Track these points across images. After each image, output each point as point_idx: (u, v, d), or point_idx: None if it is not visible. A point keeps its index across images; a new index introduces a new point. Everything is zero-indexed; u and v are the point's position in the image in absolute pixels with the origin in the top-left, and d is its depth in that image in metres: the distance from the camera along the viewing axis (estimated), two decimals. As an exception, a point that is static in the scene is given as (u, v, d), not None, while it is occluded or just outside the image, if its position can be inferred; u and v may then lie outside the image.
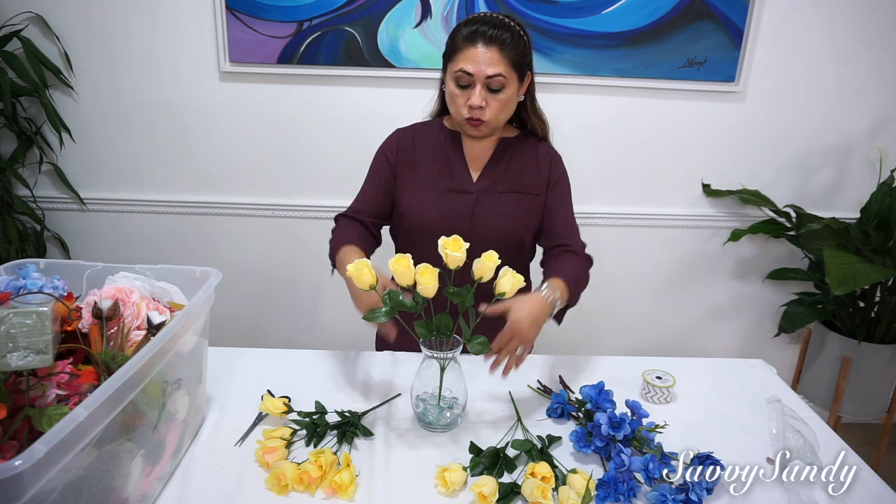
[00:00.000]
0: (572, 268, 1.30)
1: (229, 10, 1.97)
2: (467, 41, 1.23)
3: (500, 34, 1.22)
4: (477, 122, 1.27)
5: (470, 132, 1.31)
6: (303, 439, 1.09)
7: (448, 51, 1.27)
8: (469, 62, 1.22)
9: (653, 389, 1.26)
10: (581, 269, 1.33)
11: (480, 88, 1.23)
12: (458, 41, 1.24)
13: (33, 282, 1.02)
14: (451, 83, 1.27)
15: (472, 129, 1.29)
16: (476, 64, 1.22)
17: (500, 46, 1.22)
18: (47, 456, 0.64)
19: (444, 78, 1.30)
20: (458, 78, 1.24)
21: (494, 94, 1.25)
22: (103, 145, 2.15)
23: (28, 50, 1.95)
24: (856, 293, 2.12)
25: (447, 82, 1.28)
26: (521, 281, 1.08)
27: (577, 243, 1.38)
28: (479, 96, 1.23)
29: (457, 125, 1.35)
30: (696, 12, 2.00)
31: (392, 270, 1.06)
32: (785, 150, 2.20)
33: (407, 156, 1.39)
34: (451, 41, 1.27)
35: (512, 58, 1.23)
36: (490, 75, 1.22)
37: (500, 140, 1.38)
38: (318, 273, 2.29)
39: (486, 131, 1.31)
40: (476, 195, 1.35)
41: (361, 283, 1.05)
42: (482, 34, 1.22)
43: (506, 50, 1.22)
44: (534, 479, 0.95)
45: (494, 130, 1.33)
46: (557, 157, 1.42)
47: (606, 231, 2.26)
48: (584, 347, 2.40)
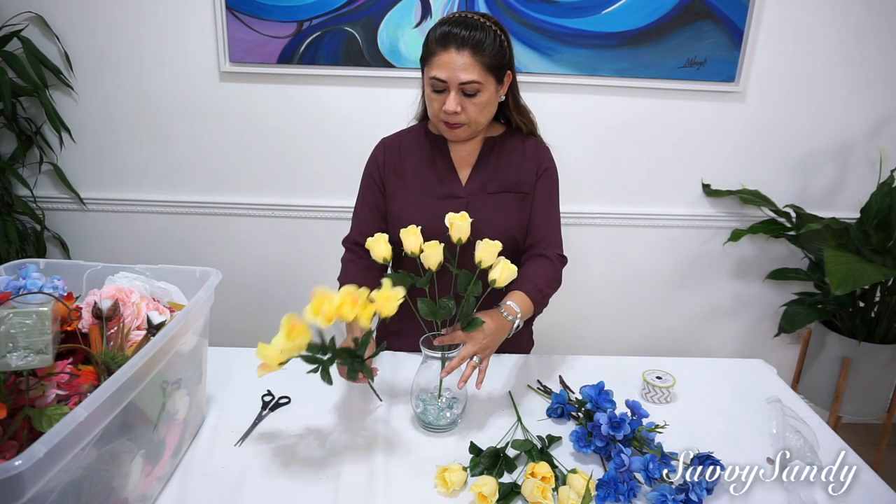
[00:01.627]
0: (541, 276, 1.28)
1: (229, 10, 1.97)
2: (439, 45, 1.19)
3: (472, 36, 1.17)
4: (455, 126, 1.25)
5: (449, 136, 1.29)
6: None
7: (423, 54, 1.23)
8: (442, 68, 1.18)
9: (653, 389, 1.26)
10: (549, 275, 1.30)
11: (455, 94, 1.20)
12: (431, 44, 1.20)
13: (33, 282, 1.02)
14: (427, 88, 1.24)
15: (451, 132, 1.27)
16: (449, 70, 1.18)
17: (473, 50, 1.17)
18: (47, 456, 0.64)
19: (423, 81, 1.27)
20: (432, 84, 1.21)
21: (470, 97, 1.21)
22: (103, 145, 2.15)
23: (28, 50, 1.95)
24: (856, 293, 2.12)
25: (426, 86, 1.25)
26: (514, 272, 1.12)
27: (553, 241, 1.35)
28: (453, 101, 1.20)
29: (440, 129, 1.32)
30: (696, 12, 1.99)
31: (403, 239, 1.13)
32: (785, 150, 2.20)
33: (393, 166, 1.36)
34: (425, 44, 1.23)
35: (487, 61, 1.19)
36: (464, 81, 1.18)
37: (486, 140, 1.36)
38: (318, 273, 2.30)
39: (466, 135, 1.28)
40: (466, 199, 1.33)
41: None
42: (454, 37, 1.17)
43: (479, 53, 1.18)
44: (534, 479, 0.95)
45: (475, 133, 1.31)
46: (545, 149, 1.38)
47: (606, 231, 2.26)
48: (584, 347, 2.40)
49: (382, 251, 1.14)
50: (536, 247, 1.34)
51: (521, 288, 1.24)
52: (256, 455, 1.06)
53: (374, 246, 1.15)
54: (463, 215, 1.13)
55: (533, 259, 1.33)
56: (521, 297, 1.22)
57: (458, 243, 1.13)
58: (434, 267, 1.12)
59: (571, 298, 2.16)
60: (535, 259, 1.33)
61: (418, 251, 1.12)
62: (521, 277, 1.27)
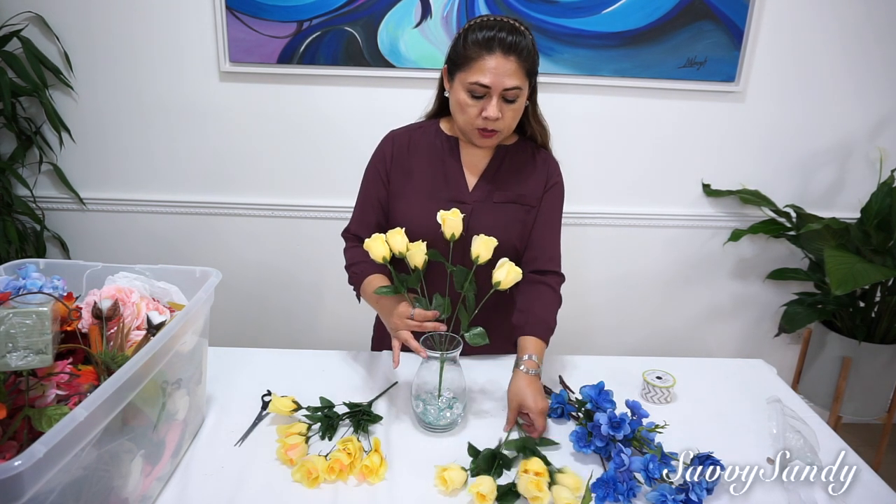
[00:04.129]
0: (548, 312, 1.28)
1: (229, 10, 1.97)
2: (483, 49, 1.15)
3: (517, 42, 1.15)
4: (490, 134, 1.22)
5: (480, 143, 1.26)
6: (316, 434, 1.12)
7: (458, 58, 1.19)
8: (486, 73, 1.15)
9: (653, 389, 1.26)
10: (555, 308, 1.31)
11: (497, 100, 1.17)
12: (470, 49, 1.16)
13: (33, 282, 1.02)
14: (461, 93, 1.19)
15: (484, 139, 1.23)
16: (495, 75, 1.14)
17: (518, 55, 1.15)
18: (47, 456, 0.64)
19: (451, 85, 1.23)
20: (472, 89, 1.17)
21: (509, 104, 1.19)
22: (103, 145, 2.15)
23: (28, 50, 1.95)
24: (856, 293, 2.12)
25: (457, 91, 1.21)
26: (518, 274, 1.11)
27: (552, 256, 1.34)
28: (495, 108, 1.17)
29: (461, 133, 1.28)
30: (696, 12, 1.99)
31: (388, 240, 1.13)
32: (785, 150, 2.20)
33: (401, 161, 1.34)
34: (462, 47, 1.18)
35: (528, 66, 1.17)
36: (508, 87, 1.16)
37: (498, 148, 1.33)
38: (318, 273, 2.30)
39: (497, 142, 1.27)
40: (472, 205, 1.30)
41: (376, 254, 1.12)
42: (500, 42, 1.14)
43: (523, 59, 1.16)
44: (527, 475, 0.96)
45: (501, 140, 1.29)
46: (555, 164, 1.37)
47: (606, 231, 2.26)
48: (584, 347, 2.40)
49: (381, 251, 1.13)
50: (535, 263, 1.32)
51: (535, 333, 1.23)
52: (256, 455, 1.06)
53: (372, 246, 1.13)
54: (455, 212, 1.13)
55: (535, 288, 1.30)
56: (536, 344, 1.21)
57: (452, 239, 1.13)
58: (420, 265, 1.12)
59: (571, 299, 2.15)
60: (537, 288, 1.30)
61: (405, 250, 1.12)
62: (531, 317, 1.25)
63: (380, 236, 1.13)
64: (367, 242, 1.14)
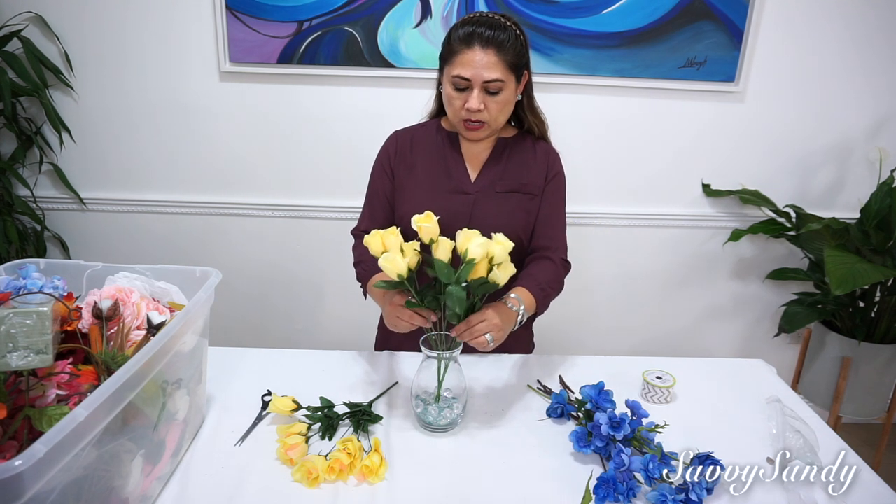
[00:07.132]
0: (544, 276, 1.29)
1: (229, 10, 1.97)
2: (463, 44, 1.21)
3: (496, 35, 1.20)
4: (475, 126, 1.26)
5: (468, 135, 1.30)
6: (316, 433, 1.12)
7: (444, 53, 1.25)
8: (466, 66, 1.20)
9: (653, 389, 1.26)
10: (552, 277, 1.31)
11: (478, 92, 1.22)
12: (454, 43, 1.22)
13: (33, 282, 1.02)
14: (448, 86, 1.25)
15: (470, 132, 1.28)
16: (473, 68, 1.20)
17: (497, 49, 1.20)
18: (47, 456, 0.64)
19: (441, 79, 1.29)
20: (455, 82, 1.23)
21: (492, 96, 1.23)
22: (103, 145, 2.15)
23: (28, 50, 1.95)
24: (856, 293, 2.12)
25: (444, 85, 1.27)
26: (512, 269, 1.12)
27: (559, 247, 1.37)
28: (476, 99, 1.22)
29: (454, 127, 1.34)
30: (696, 12, 1.99)
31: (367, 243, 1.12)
32: (785, 150, 2.20)
33: (405, 158, 1.38)
34: (447, 43, 1.25)
35: (509, 59, 1.21)
36: (487, 80, 1.20)
37: (498, 140, 1.37)
38: (318, 273, 2.30)
39: (484, 134, 1.30)
40: (474, 196, 1.34)
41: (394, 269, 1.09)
42: (479, 36, 1.20)
43: (503, 52, 1.20)
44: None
45: (493, 132, 1.32)
46: (555, 155, 1.40)
47: (606, 231, 2.26)
48: (584, 347, 2.40)
49: (380, 246, 1.12)
50: (542, 250, 1.35)
51: (524, 284, 1.25)
52: (256, 455, 1.06)
53: (371, 242, 1.11)
54: (428, 215, 1.09)
55: (537, 260, 1.34)
56: (523, 291, 1.24)
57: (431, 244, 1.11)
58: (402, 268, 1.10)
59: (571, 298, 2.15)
60: (539, 260, 1.34)
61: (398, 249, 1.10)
62: (524, 275, 1.28)
63: (378, 232, 1.13)
64: (366, 239, 1.12)
